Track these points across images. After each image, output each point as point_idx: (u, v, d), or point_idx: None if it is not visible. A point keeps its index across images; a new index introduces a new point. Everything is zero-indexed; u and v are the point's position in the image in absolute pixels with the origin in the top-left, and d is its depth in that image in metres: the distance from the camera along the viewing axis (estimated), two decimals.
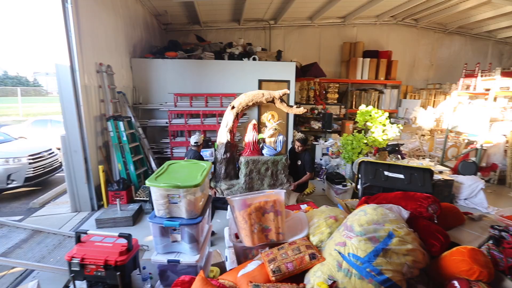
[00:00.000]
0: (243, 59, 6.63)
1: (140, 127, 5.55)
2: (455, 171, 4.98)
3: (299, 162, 3.93)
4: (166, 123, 5.94)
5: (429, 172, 2.41)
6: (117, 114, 4.98)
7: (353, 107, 8.95)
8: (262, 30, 9.15)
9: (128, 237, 1.84)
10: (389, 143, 4.94)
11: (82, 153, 4.29)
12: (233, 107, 3.58)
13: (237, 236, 2.15)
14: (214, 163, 3.62)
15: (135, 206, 4.24)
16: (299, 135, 3.89)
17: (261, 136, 3.72)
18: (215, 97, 6.32)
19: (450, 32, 9.75)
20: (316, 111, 8.09)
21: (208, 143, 5.21)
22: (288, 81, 6.69)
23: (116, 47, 5.36)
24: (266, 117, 3.75)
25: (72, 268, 1.79)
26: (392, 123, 4.50)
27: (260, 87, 6.61)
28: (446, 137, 5.62)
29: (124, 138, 4.72)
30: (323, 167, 6.00)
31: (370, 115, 4.34)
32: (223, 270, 2.39)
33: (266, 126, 3.72)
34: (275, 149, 3.67)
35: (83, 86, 4.13)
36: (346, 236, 1.65)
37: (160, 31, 8.26)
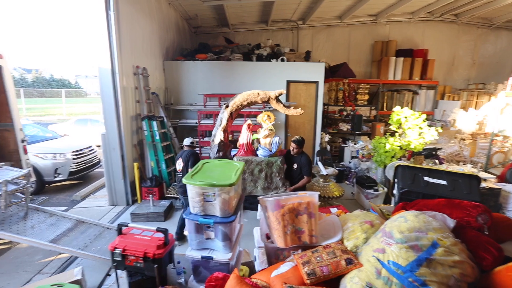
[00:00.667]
0: (271, 60, 6.64)
1: (171, 127, 5.78)
2: (502, 179, 4.55)
3: (295, 166, 3.62)
4: (196, 123, 6.13)
5: (476, 179, 2.22)
6: (150, 114, 5.23)
7: (384, 109, 8.58)
8: (290, 31, 9.11)
9: (165, 231, 1.92)
10: (425, 147, 4.66)
11: (120, 151, 4.57)
12: (227, 106, 3.56)
13: (267, 237, 2.16)
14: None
15: (166, 203, 4.42)
16: (296, 137, 3.60)
17: (255, 136, 3.64)
18: None
19: (496, 27, 8.96)
20: (344, 113, 7.86)
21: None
22: (316, 82, 6.57)
23: (151, 50, 5.64)
24: (261, 117, 3.66)
25: (115, 258, 1.90)
26: (429, 126, 4.24)
27: (288, 88, 6.58)
28: (491, 141, 5.16)
29: (157, 137, 4.94)
30: (352, 170, 5.81)
31: (406, 117, 4.12)
32: (252, 269, 2.40)
33: (268, 127, 3.65)
34: (270, 151, 3.56)
35: (121, 88, 4.39)
36: (385, 242, 1.58)
37: (190, 34, 8.55)
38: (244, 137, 3.61)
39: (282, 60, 6.60)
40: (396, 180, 2.47)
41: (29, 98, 25.17)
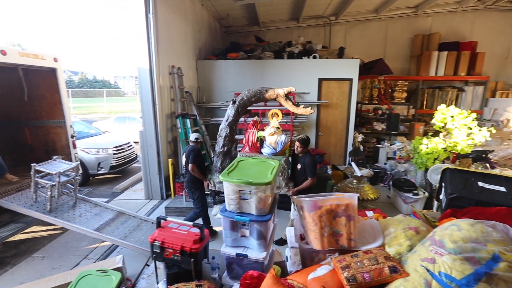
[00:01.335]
0: (303, 57, 6.51)
1: (203, 125, 5.94)
2: None
3: (299, 166, 3.43)
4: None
5: None
6: (184, 112, 5.42)
7: (424, 108, 8.00)
8: (321, 27, 8.87)
9: (201, 227, 1.96)
10: (473, 149, 4.24)
11: (156, 147, 4.80)
12: (234, 102, 3.50)
13: (302, 237, 2.11)
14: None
15: None
16: (301, 135, 3.39)
17: (260, 134, 3.54)
18: None
19: None
20: (379, 112, 7.46)
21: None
22: (350, 80, 6.32)
23: (185, 50, 5.83)
24: (269, 115, 3.56)
25: (154, 250, 1.98)
26: (479, 126, 3.85)
27: (320, 86, 6.41)
28: None
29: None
30: (388, 172, 5.49)
31: (452, 116, 3.78)
32: (283, 269, 2.37)
33: (274, 125, 3.52)
34: (275, 149, 3.43)
35: (158, 87, 4.60)
36: (435, 252, 1.45)
37: (222, 33, 8.70)
38: (249, 133, 3.55)
39: (314, 57, 6.43)
40: (443, 184, 2.27)
41: (75, 97, 27.58)
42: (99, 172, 6.06)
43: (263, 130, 3.66)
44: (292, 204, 3.67)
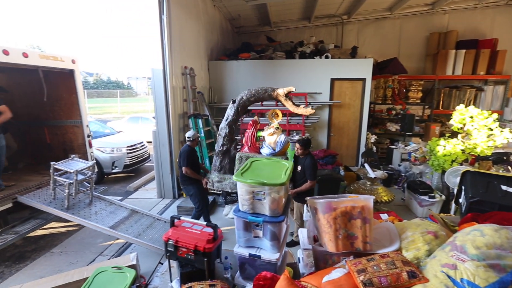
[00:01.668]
0: (315, 57, 6.45)
1: (214, 125, 5.97)
2: None
3: (299, 168, 3.33)
4: (239, 122, 6.24)
5: None
6: (196, 112, 5.47)
7: (440, 108, 7.75)
8: (333, 26, 8.75)
9: (214, 227, 1.97)
10: (493, 151, 4.08)
11: (168, 147, 4.86)
12: (234, 101, 3.46)
13: (315, 239, 2.08)
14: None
15: (209, 198, 4.57)
16: (302, 136, 3.25)
17: (260, 133, 3.49)
18: None
19: None
20: (393, 112, 7.30)
21: None
22: (363, 79, 6.21)
23: (197, 51, 5.89)
24: (269, 115, 3.50)
25: (168, 248, 2.01)
26: (501, 128, 3.70)
27: (332, 86, 6.34)
28: None
29: (202, 135, 5.14)
30: (402, 174, 5.36)
31: (472, 117, 3.64)
32: (295, 271, 2.35)
33: (274, 125, 3.47)
34: (274, 150, 3.35)
35: (171, 87, 4.66)
36: (456, 257, 1.40)
37: (233, 34, 8.73)
38: (249, 133, 3.53)
39: (327, 57, 6.36)
40: (463, 187, 2.19)
41: (90, 98, 28.34)
42: (113, 171, 6.21)
43: (262, 130, 3.63)
44: (305, 206, 3.64)
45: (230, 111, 3.54)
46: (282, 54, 6.72)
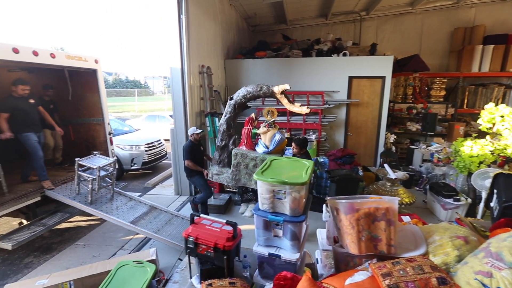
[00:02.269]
0: (332, 55, 6.33)
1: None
2: None
3: None
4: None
5: None
6: (213, 110, 5.52)
7: (465, 107, 7.40)
8: (351, 23, 8.56)
9: (234, 225, 1.98)
10: None
11: None
12: (231, 99, 3.55)
13: (335, 240, 2.04)
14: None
15: (226, 196, 4.61)
16: (298, 136, 3.19)
17: (255, 131, 3.53)
18: (302, 95, 6.25)
19: None
20: (414, 111, 7.04)
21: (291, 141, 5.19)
22: (383, 77, 6.03)
23: (214, 50, 5.93)
24: (265, 112, 3.53)
25: (188, 245, 2.03)
26: None
27: (350, 84, 6.20)
28: None
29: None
30: (424, 176, 5.16)
31: (503, 116, 3.44)
32: (314, 272, 2.32)
33: (267, 123, 3.50)
34: (267, 148, 3.36)
35: (189, 86, 4.73)
36: (491, 265, 1.33)
37: (249, 32, 8.73)
38: (244, 130, 3.60)
39: (344, 54, 6.22)
40: (495, 190, 2.07)
41: (109, 97, 29.36)
42: (132, 167, 6.39)
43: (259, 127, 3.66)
44: (324, 206, 3.58)
45: (228, 108, 3.63)
46: (299, 52, 6.64)
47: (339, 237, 1.92)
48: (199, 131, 4.01)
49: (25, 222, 3.81)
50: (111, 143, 4.99)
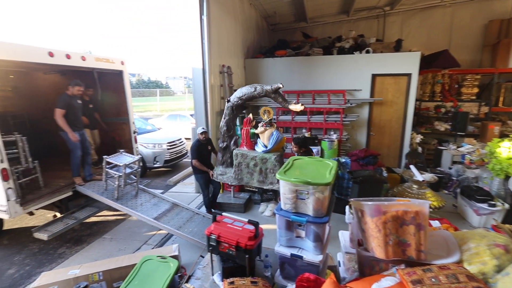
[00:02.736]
0: (354, 52, 6.14)
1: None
2: None
3: None
4: (274, 119, 6.22)
5: None
6: None
7: (500, 105, 6.90)
8: (374, 19, 8.27)
9: (256, 224, 1.97)
10: None
11: None
12: (228, 101, 3.65)
13: (359, 243, 1.98)
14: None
15: (245, 195, 4.64)
16: (298, 135, 3.16)
17: (253, 131, 3.62)
18: (322, 94, 6.14)
19: None
20: (442, 110, 6.67)
21: (314, 140, 5.11)
22: (409, 75, 5.77)
23: (234, 49, 5.98)
24: (261, 111, 3.58)
25: (210, 243, 2.06)
26: None
27: (373, 83, 5.99)
28: None
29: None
30: (454, 178, 4.88)
31: None
32: (336, 275, 2.27)
33: (264, 122, 3.54)
34: (266, 146, 3.42)
35: (210, 85, 4.80)
36: None
37: (268, 31, 8.71)
38: (244, 130, 3.72)
39: (367, 52, 6.02)
40: None
41: (133, 97, 30.54)
42: (155, 165, 6.60)
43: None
44: (347, 207, 3.49)
45: (226, 111, 3.75)
46: (319, 50, 6.52)
47: (364, 240, 1.86)
48: (201, 130, 4.08)
49: (58, 215, 4.06)
50: (136, 142, 5.18)
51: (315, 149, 4.80)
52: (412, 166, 4.09)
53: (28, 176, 3.73)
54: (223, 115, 3.82)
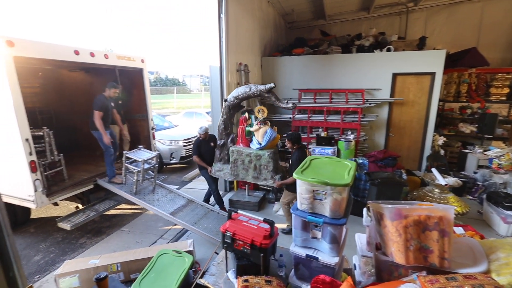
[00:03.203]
0: (374, 51, 5.96)
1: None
2: None
3: (290, 161, 3.55)
4: (290, 118, 6.16)
5: None
6: (249, 108, 5.56)
7: None
8: (396, 16, 7.97)
9: (271, 223, 1.96)
10: None
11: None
12: (225, 100, 3.80)
13: (377, 247, 1.92)
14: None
15: (260, 194, 4.64)
16: (291, 131, 3.44)
17: (248, 128, 3.76)
18: (340, 93, 6.01)
19: None
20: (468, 111, 6.34)
21: (331, 140, 5.01)
22: (432, 74, 5.53)
23: (251, 47, 5.97)
24: (256, 111, 3.68)
25: (225, 240, 2.07)
26: None
27: (394, 82, 5.80)
28: None
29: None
30: (479, 183, 4.63)
31: None
32: (351, 278, 2.22)
33: (258, 121, 3.69)
34: (260, 144, 3.56)
35: (227, 83, 4.82)
36: None
37: (285, 29, 8.63)
38: (239, 129, 3.87)
39: (388, 50, 5.82)
40: None
41: (151, 94, 31.34)
42: (171, 161, 6.74)
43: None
44: (365, 210, 3.42)
45: (223, 110, 3.89)
46: (338, 48, 6.38)
47: (382, 244, 1.80)
48: (199, 129, 4.19)
49: (80, 206, 4.24)
50: (154, 138, 5.31)
51: (331, 149, 4.70)
52: (434, 169, 3.93)
53: (53, 169, 3.93)
54: (221, 114, 3.98)
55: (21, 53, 3.06)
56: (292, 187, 3.55)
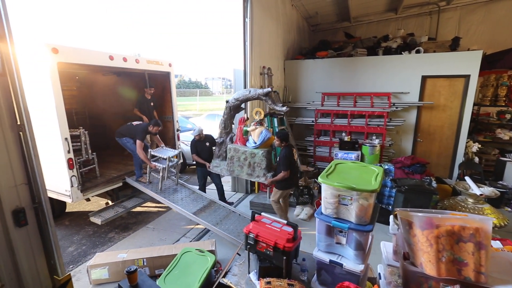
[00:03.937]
0: (402, 52, 5.75)
1: (288, 125, 6.00)
2: None
3: (278, 159, 3.76)
4: (312, 121, 6.10)
5: None
6: (272, 111, 5.58)
7: None
8: (426, 16, 7.63)
9: (295, 227, 1.96)
10: None
11: None
12: (227, 102, 4.04)
13: (405, 257, 1.85)
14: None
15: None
16: (281, 129, 3.47)
17: (245, 128, 3.97)
18: (364, 97, 5.86)
19: None
20: (507, 116, 5.90)
21: (355, 145, 4.89)
22: (467, 76, 5.22)
23: (275, 51, 6.01)
24: (253, 112, 3.84)
25: (248, 241, 2.09)
26: None
27: (423, 85, 5.55)
28: None
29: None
30: None
31: None
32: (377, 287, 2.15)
33: (254, 122, 3.85)
34: (255, 143, 3.77)
35: (250, 86, 4.88)
36: None
37: (309, 32, 8.57)
38: (237, 128, 4.10)
39: (418, 51, 5.59)
40: None
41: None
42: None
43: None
44: (392, 217, 3.31)
45: (225, 110, 4.10)
46: (363, 50, 6.23)
47: (411, 254, 1.73)
48: (193, 131, 4.64)
49: (110, 202, 4.48)
50: (178, 139, 5.49)
51: (355, 153, 4.59)
52: (467, 178, 3.69)
53: (87, 167, 4.19)
54: (222, 114, 4.23)
55: (64, 59, 3.32)
56: (280, 185, 3.71)
